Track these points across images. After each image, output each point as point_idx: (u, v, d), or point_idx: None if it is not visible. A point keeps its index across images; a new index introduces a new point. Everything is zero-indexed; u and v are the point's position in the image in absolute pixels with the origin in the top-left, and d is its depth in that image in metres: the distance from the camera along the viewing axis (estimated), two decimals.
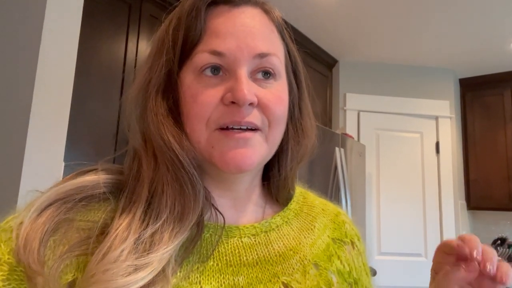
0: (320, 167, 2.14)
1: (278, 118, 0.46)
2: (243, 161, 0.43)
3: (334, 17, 2.41)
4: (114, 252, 0.36)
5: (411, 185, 2.90)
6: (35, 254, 0.36)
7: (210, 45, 0.44)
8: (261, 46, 0.45)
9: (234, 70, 0.44)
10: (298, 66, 0.53)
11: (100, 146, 1.53)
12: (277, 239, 0.49)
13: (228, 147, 0.43)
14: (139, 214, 0.40)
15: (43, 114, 1.19)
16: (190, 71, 0.44)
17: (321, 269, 0.50)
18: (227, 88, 0.43)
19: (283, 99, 0.47)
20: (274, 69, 0.46)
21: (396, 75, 3.05)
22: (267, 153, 0.47)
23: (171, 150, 0.43)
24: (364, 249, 0.60)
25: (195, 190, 0.42)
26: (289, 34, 0.53)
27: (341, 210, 0.62)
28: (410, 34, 2.58)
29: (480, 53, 2.82)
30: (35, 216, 0.38)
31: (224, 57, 0.43)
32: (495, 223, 3.19)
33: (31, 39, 1.21)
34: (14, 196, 1.10)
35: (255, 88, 0.44)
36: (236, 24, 0.45)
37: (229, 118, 0.43)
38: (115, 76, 1.62)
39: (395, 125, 2.96)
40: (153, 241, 0.38)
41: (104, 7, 1.62)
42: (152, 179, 0.42)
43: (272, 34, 0.48)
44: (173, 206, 0.41)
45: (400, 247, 2.81)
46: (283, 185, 0.53)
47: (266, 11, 0.49)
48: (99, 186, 0.42)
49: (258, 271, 0.45)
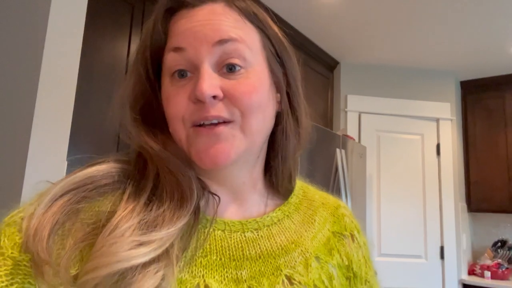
0: (321, 168, 2.14)
1: (251, 107, 0.45)
2: (217, 156, 0.44)
3: (335, 19, 2.42)
4: (119, 230, 0.38)
5: (412, 187, 2.91)
6: (44, 243, 0.36)
7: (171, 43, 0.46)
8: (220, 33, 0.44)
9: (197, 66, 0.44)
10: (283, 50, 0.51)
11: (103, 144, 1.54)
12: (279, 233, 0.50)
13: (201, 144, 0.44)
14: (143, 200, 0.42)
15: (46, 112, 1.20)
16: (165, 75, 0.47)
17: (322, 262, 0.50)
18: (192, 87, 0.44)
19: (256, 86, 0.46)
20: (241, 55, 0.45)
21: (397, 77, 3.05)
22: (246, 145, 0.46)
23: (152, 149, 0.46)
24: (365, 242, 0.59)
25: (186, 177, 0.44)
26: (270, 17, 0.52)
27: (341, 203, 0.62)
28: (411, 36, 2.58)
29: (481, 56, 2.82)
30: (48, 207, 0.39)
31: (185, 52, 0.45)
32: (495, 226, 3.18)
33: (36, 39, 1.23)
34: (17, 193, 1.11)
35: (219, 81, 0.44)
36: (194, 20, 0.45)
37: (198, 114, 0.44)
38: (117, 77, 1.63)
39: (396, 127, 2.97)
40: (156, 222, 0.40)
41: (107, 8, 1.63)
42: (156, 173, 0.45)
43: (236, 22, 0.46)
44: (172, 194, 0.43)
45: (400, 248, 2.81)
46: (283, 174, 0.54)
47: (229, 4, 0.48)
48: (110, 176, 0.44)
49: (261, 265, 0.46)
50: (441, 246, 2.86)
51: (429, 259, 2.84)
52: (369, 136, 2.92)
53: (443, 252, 2.85)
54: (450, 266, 2.83)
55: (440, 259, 2.85)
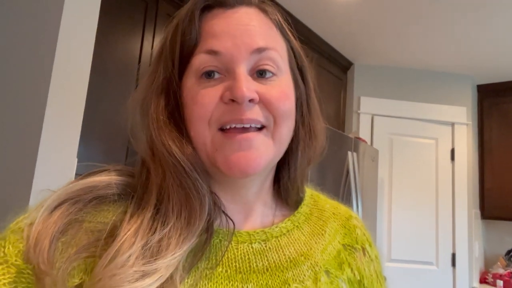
0: (332, 171, 2.11)
1: (283, 113, 0.45)
2: (247, 164, 0.42)
3: (350, 19, 2.38)
4: (122, 257, 0.36)
5: (424, 191, 2.86)
6: (45, 254, 0.36)
7: (206, 45, 0.44)
8: (258, 41, 0.44)
9: (232, 69, 0.43)
10: (304, 64, 0.52)
11: (114, 144, 1.54)
12: (287, 244, 0.48)
13: (231, 151, 0.42)
14: (147, 220, 0.39)
15: (57, 112, 1.20)
16: (191, 75, 0.44)
17: (332, 277, 0.49)
18: (225, 87, 0.43)
19: (288, 94, 0.46)
20: (275, 64, 0.45)
21: (412, 80, 3.00)
22: (274, 153, 0.45)
23: (173, 155, 0.42)
24: (377, 255, 0.58)
25: (200, 195, 0.42)
26: (292, 31, 0.51)
27: (353, 213, 0.60)
28: (427, 38, 2.53)
29: (500, 59, 2.76)
30: (46, 216, 0.38)
31: (220, 56, 0.43)
32: (509, 234, 3.11)
33: (49, 36, 1.23)
34: (26, 195, 1.11)
35: (255, 85, 0.43)
36: (231, 23, 0.44)
37: (230, 116, 0.42)
38: (129, 75, 1.63)
39: (409, 130, 2.92)
40: (160, 246, 0.38)
41: (121, 5, 1.63)
42: (160, 186, 0.42)
43: (270, 31, 0.47)
44: (179, 212, 0.40)
45: (411, 254, 2.76)
46: (292, 187, 0.52)
47: (263, 9, 0.48)
48: (110, 187, 0.42)
49: (268, 278, 0.44)
50: (453, 253, 2.81)
51: (440, 266, 2.79)
52: (382, 139, 2.87)
53: (454, 259, 2.79)
54: (462, 274, 2.78)
55: (452, 267, 2.80)
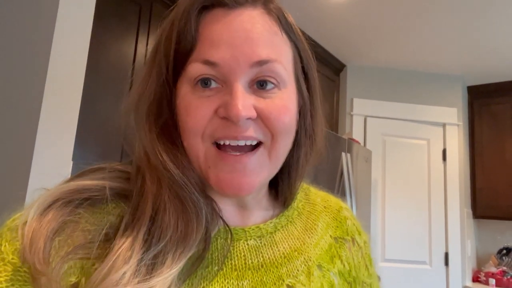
0: (326, 172, 2.13)
1: (282, 130, 0.42)
2: (240, 187, 0.41)
3: (342, 22, 2.40)
4: (116, 274, 0.35)
5: (417, 192, 2.88)
6: (41, 254, 0.35)
7: (203, 54, 0.40)
8: (260, 52, 0.40)
9: (229, 81, 0.40)
10: (311, 69, 0.49)
11: (109, 145, 1.54)
12: (282, 239, 0.49)
13: (224, 171, 0.41)
14: (142, 233, 0.38)
15: (53, 112, 1.20)
16: (185, 82, 0.42)
17: (324, 271, 0.49)
18: (221, 101, 0.40)
19: (289, 108, 0.43)
20: (277, 77, 0.42)
21: (404, 81, 3.03)
22: (269, 171, 0.44)
23: (167, 169, 0.41)
24: (366, 240, 0.58)
25: (197, 208, 0.41)
26: (300, 32, 0.48)
27: (343, 204, 0.60)
28: (419, 39, 2.57)
29: (490, 61, 2.80)
30: (39, 215, 0.37)
31: (218, 67, 0.40)
32: (501, 233, 3.15)
33: (43, 38, 1.22)
34: (22, 194, 1.10)
35: (253, 100, 0.41)
36: (231, 30, 0.40)
37: (224, 132, 0.40)
38: (124, 76, 1.63)
39: (402, 131, 2.95)
40: (156, 263, 0.37)
41: (115, 8, 1.63)
42: (156, 196, 0.41)
43: (275, 37, 0.43)
44: (176, 225, 0.39)
45: (404, 254, 2.78)
46: (290, 191, 0.52)
47: (269, 10, 0.43)
48: (104, 191, 0.41)
49: (262, 274, 0.45)
50: (446, 253, 2.83)
51: (433, 265, 2.82)
52: (375, 140, 2.90)
53: (447, 258, 2.82)
54: (455, 273, 2.81)
55: (445, 266, 2.82)
